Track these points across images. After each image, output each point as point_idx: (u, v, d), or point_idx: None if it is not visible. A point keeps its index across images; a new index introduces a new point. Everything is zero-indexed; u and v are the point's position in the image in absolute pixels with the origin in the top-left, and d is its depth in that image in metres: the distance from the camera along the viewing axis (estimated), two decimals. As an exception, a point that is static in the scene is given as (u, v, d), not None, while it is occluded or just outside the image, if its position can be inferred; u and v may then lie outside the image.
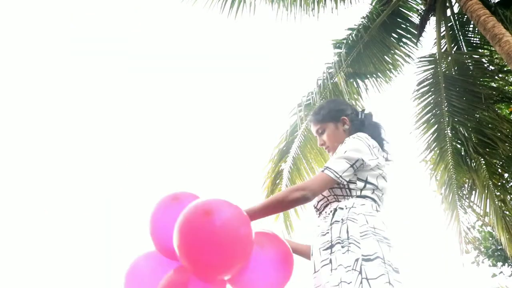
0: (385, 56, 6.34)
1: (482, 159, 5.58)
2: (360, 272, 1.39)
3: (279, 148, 5.87)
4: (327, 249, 1.54)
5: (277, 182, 5.82)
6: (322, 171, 1.63)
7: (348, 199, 1.64)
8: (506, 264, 8.32)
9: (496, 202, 5.54)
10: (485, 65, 6.03)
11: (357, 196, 1.64)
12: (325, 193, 1.69)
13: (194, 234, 1.37)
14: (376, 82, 6.35)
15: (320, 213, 1.75)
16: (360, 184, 1.66)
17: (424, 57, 5.93)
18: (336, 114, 1.89)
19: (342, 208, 1.61)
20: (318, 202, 1.75)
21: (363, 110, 1.96)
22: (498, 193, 5.62)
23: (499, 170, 5.69)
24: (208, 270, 1.41)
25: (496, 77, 6.00)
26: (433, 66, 5.82)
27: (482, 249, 8.36)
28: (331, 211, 1.64)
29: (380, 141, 1.82)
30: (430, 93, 5.79)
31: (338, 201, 1.66)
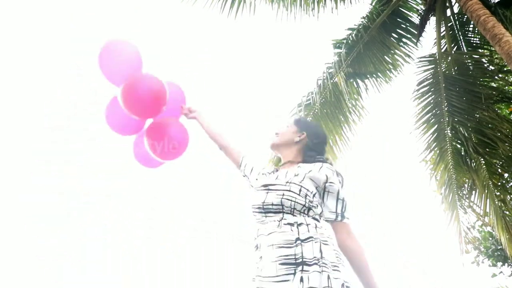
0: (385, 56, 6.34)
1: (482, 159, 5.57)
2: None
3: (279, 148, 5.86)
4: (291, 264, 1.54)
5: (277, 182, 5.81)
6: (341, 220, 1.72)
7: (304, 216, 1.67)
8: (506, 264, 8.31)
9: (496, 202, 5.54)
10: (485, 65, 6.01)
11: (313, 218, 1.69)
12: (286, 202, 1.68)
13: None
14: (376, 82, 6.35)
15: (266, 215, 1.71)
16: (319, 210, 1.73)
17: (424, 57, 5.92)
18: (303, 125, 2.05)
19: (305, 224, 1.64)
20: (271, 204, 1.71)
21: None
22: (498, 193, 5.61)
23: (499, 170, 5.68)
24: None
25: (496, 77, 5.99)
26: (433, 66, 5.81)
27: (482, 249, 8.35)
28: (289, 224, 1.64)
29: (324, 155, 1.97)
30: (430, 93, 5.79)
31: (293, 215, 1.67)
